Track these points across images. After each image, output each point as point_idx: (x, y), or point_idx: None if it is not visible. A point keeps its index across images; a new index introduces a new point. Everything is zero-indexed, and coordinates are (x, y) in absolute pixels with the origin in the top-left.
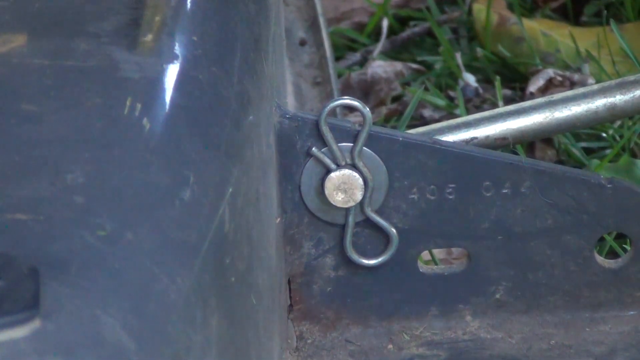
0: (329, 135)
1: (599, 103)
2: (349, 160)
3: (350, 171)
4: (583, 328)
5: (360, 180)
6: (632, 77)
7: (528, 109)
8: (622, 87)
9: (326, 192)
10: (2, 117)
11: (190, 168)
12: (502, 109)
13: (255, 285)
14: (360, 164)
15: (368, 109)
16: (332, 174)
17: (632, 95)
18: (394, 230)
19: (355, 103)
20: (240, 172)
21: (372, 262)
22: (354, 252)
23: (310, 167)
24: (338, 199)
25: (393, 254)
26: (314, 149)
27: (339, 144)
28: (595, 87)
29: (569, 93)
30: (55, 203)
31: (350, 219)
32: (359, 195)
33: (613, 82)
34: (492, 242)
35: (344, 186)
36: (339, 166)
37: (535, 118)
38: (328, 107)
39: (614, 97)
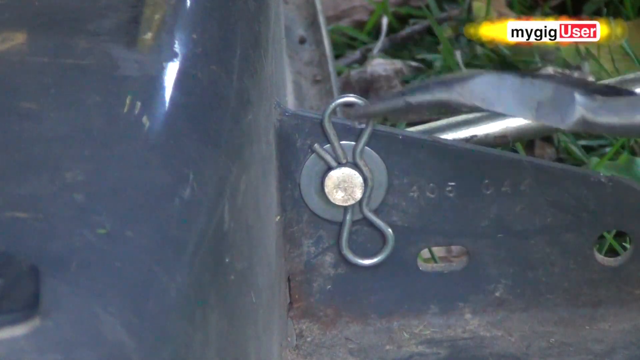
0: (332, 133)
1: None
2: (350, 159)
3: (350, 169)
4: (583, 326)
5: (360, 179)
6: (631, 75)
7: None
8: (621, 85)
9: (326, 190)
10: (2, 115)
11: (190, 166)
12: None
13: (255, 283)
14: (361, 163)
15: None
16: (332, 172)
17: None
18: (390, 231)
19: (359, 101)
20: (239, 170)
21: (367, 262)
22: (349, 251)
23: (310, 165)
24: (338, 197)
25: (389, 254)
26: (316, 145)
27: (340, 142)
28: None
29: None
30: (54, 201)
31: (348, 218)
32: (358, 194)
33: (613, 79)
34: (492, 240)
35: (344, 184)
36: (339, 164)
37: None
38: (332, 105)
39: None
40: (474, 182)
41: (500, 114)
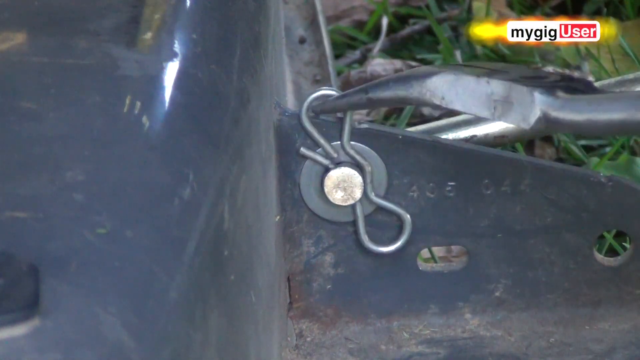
0: (311, 129)
1: None
2: (342, 155)
3: (349, 169)
4: (582, 326)
5: (360, 178)
6: (631, 75)
7: None
8: (621, 85)
9: (325, 190)
10: (2, 115)
11: (190, 166)
12: None
13: (255, 283)
14: (352, 152)
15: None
16: (332, 172)
17: None
18: (409, 216)
19: (332, 92)
20: (239, 170)
21: (389, 248)
22: (370, 241)
23: (309, 165)
24: (337, 197)
25: (407, 238)
26: (302, 149)
27: (333, 143)
28: (595, 85)
29: None
30: (54, 201)
31: (359, 210)
32: (358, 194)
33: (612, 80)
34: (492, 240)
35: (344, 184)
36: (337, 164)
37: None
38: (309, 99)
39: None
40: (473, 182)
41: (461, 112)
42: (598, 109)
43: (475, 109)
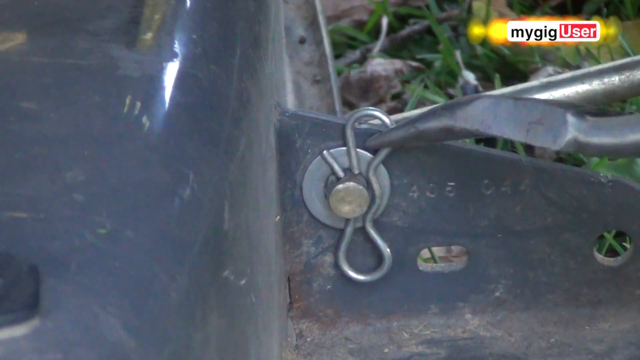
0: (351, 142)
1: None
2: (363, 171)
3: (355, 184)
4: (583, 326)
5: (366, 194)
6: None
7: None
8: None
9: (331, 202)
10: (2, 115)
11: (190, 166)
12: None
13: (255, 283)
14: (373, 179)
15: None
16: (339, 186)
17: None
18: (388, 251)
19: (384, 117)
20: (239, 170)
21: (363, 278)
22: (346, 264)
23: (313, 170)
24: (343, 210)
25: (385, 273)
26: (325, 152)
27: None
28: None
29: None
30: (55, 201)
31: (349, 231)
32: (365, 209)
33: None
34: (492, 240)
35: (349, 198)
36: (349, 176)
37: None
38: (357, 115)
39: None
40: (473, 182)
41: (496, 136)
42: (628, 131)
43: (510, 132)
